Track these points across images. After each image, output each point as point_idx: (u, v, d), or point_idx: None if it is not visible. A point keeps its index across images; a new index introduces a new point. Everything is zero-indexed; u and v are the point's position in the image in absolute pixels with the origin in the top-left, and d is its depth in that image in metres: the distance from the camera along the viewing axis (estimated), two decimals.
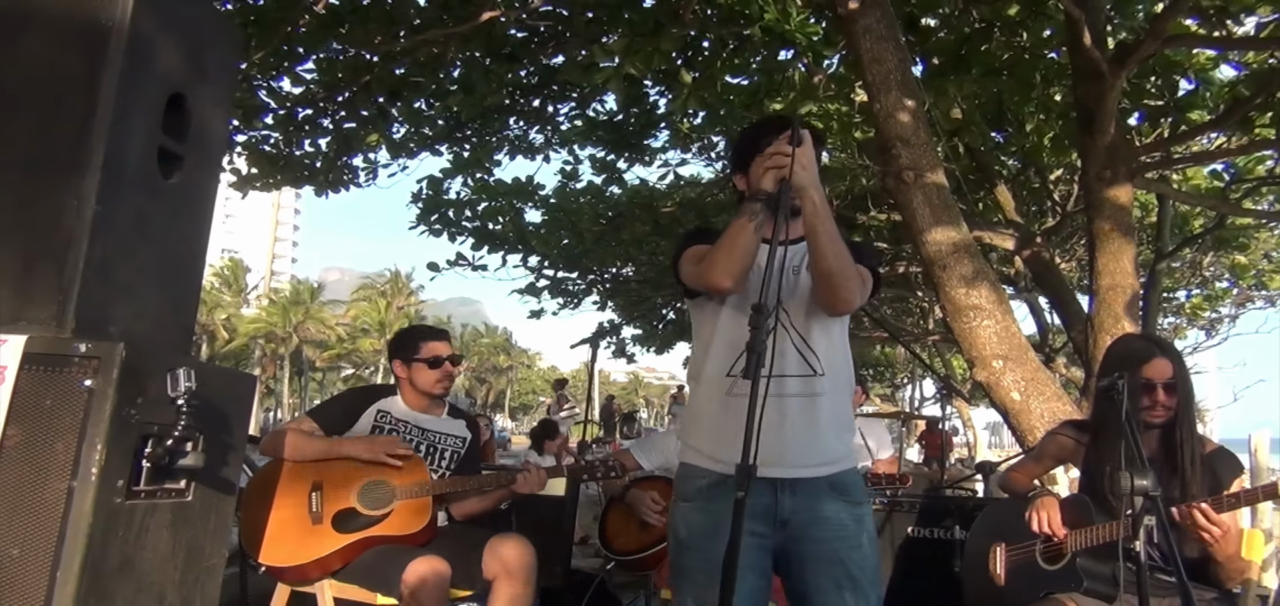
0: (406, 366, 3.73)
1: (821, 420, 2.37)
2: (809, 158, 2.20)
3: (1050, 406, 5.07)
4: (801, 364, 2.36)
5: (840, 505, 2.35)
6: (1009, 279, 12.37)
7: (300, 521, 3.39)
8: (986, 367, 5.16)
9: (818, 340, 2.39)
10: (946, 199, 5.38)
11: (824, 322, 2.40)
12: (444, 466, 3.70)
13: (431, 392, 3.73)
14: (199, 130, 2.42)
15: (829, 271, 2.25)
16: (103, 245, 2.14)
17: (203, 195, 2.48)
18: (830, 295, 2.30)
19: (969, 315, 5.18)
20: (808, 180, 2.19)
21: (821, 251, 2.23)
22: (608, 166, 10.76)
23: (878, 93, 5.35)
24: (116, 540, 2.05)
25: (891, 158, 5.32)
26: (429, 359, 3.71)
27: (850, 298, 2.31)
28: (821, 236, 2.22)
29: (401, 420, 3.68)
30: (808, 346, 2.38)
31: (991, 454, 22.97)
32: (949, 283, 5.22)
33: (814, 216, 2.21)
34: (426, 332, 3.84)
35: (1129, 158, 6.42)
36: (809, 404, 2.35)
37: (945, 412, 17.07)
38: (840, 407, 2.43)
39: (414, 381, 3.72)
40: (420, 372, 3.71)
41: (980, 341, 5.17)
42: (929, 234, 5.25)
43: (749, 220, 2.24)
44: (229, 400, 2.34)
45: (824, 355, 2.38)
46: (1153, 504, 2.35)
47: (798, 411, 2.35)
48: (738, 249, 2.27)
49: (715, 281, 2.31)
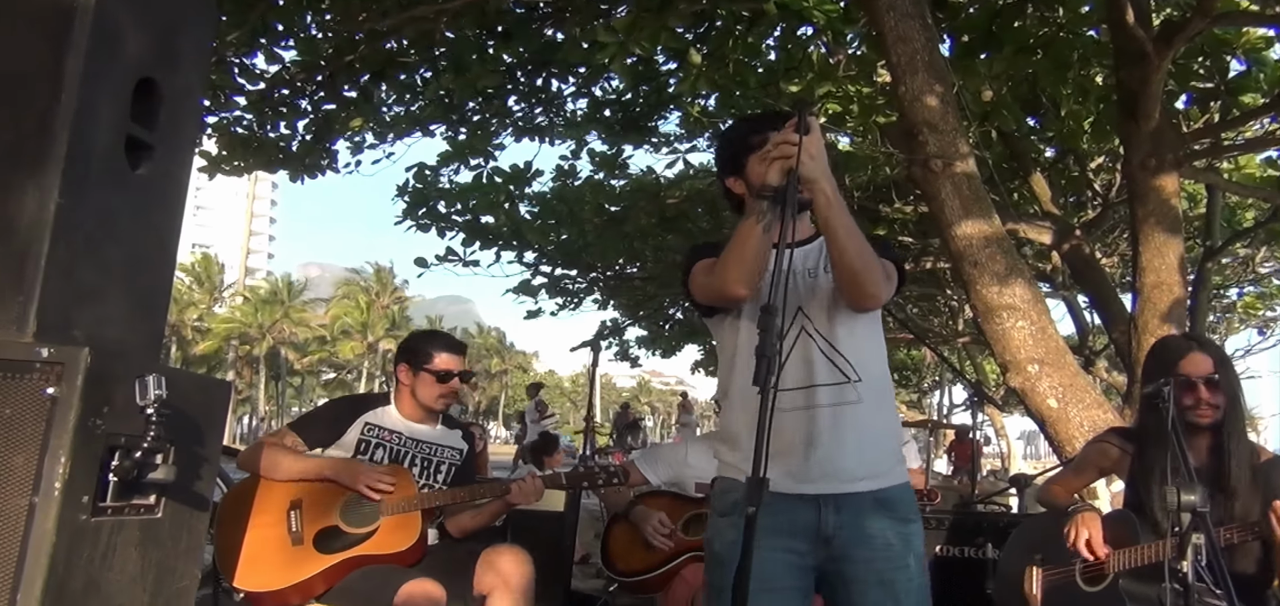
0: (412, 373, 3.74)
1: (861, 430, 2.37)
2: (818, 147, 2.20)
3: (1090, 414, 5.07)
4: (832, 371, 2.37)
5: (887, 522, 2.36)
6: (1045, 276, 12.35)
7: (279, 541, 3.39)
8: (1021, 372, 5.16)
9: (846, 343, 2.39)
10: (977, 189, 5.37)
11: (850, 323, 2.40)
12: (440, 481, 3.71)
13: (432, 408, 3.74)
14: (170, 117, 2.43)
15: (851, 266, 2.26)
16: (66, 243, 2.15)
17: (174, 187, 2.49)
18: (855, 291, 2.31)
19: (1002, 315, 5.18)
20: (817, 171, 2.19)
21: (841, 246, 2.24)
22: (608, 161, 10.76)
23: (902, 74, 5.34)
24: (81, 560, 2.06)
25: (917, 144, 5.31)
26: (439, 371, 3.72)
27: (876, 291, 2.32)
28: (839, 231, 2.23)
29: (392, 431, 3.68)
30: (836, 351, 2.38)
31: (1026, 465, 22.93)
32: (980, 280, 5.22)
33: (828, 209, 2.21)
34: (441, 342, 3.84)
35: (1175, 144, 6.41)
36: (844, 413, 2.36)
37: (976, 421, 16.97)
38: (881, 414, 2.43)
39: (417, 391, 3.73)
40: (425, 384, 3.72)
41: (1014, 344, 5.17)
42: (958, 227, 5.25)
43: (757, 220, 2.25)
44: (202, 408, 2.35)
45: (855, 359, 2.39)
46: (1201, 520, 2.34)
47: (833, 422, 2.36)
48: (748, 252, 2.28)
49: (729, 290, 2.33)
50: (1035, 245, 10.65)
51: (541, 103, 9.65)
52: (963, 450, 14.56)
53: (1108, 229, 11.71)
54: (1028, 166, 9.56)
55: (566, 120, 9.98)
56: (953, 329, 16.68)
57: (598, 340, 5.03)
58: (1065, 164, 10.58)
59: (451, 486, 3.70)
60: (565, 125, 10.02)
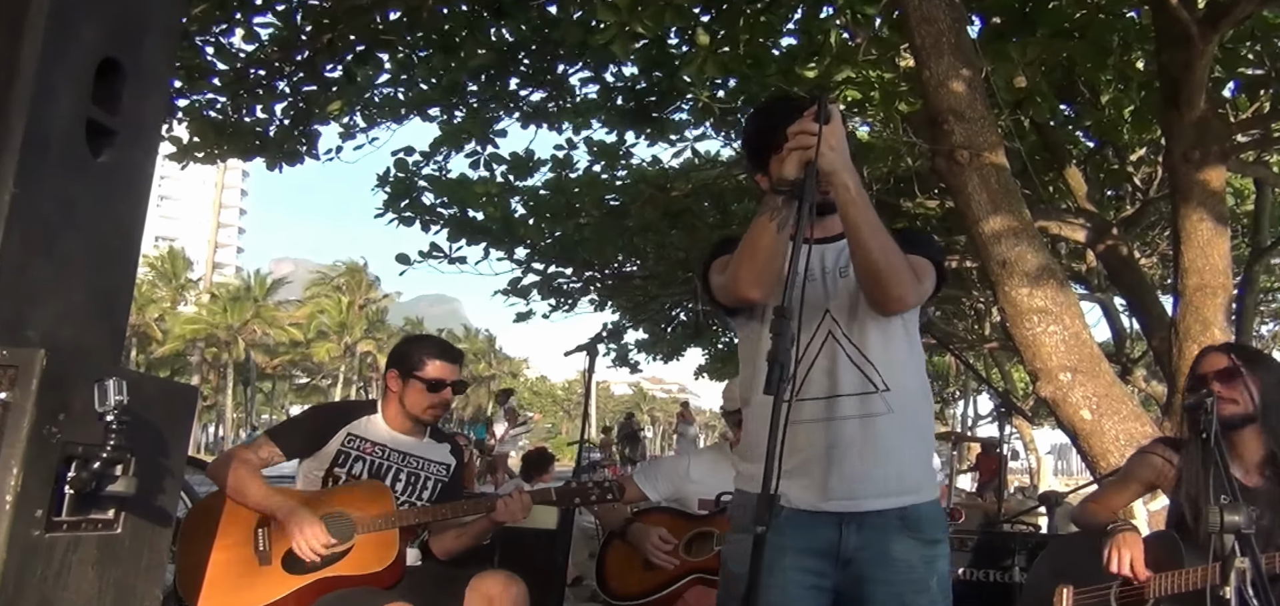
0: (402, 380, 3.75)
1: (889, 442, 2.38)
2: (838, 137, 2.20)
3: (1126, 427, 5.07)
4: (858, 379, 2.38)
5: (911, 543, 2.37)
6: (1080, 277, 12.36)
7: (245, 561, 3.39)
8: (1052, 381, 5.16)
9: (876, 349, 2.40)
10: (1007, 182, 5.38)
11: (883, 328, 2.41)
12: (425, 498, 3.71)
13: (421, 418, 3.75)
14: (135, 100, 2.43)
15: (873, 267, 2.26)
16: (21, 236, 2.15)
17: (138, 175, 2.48)
18: (879, 293, 2.31)
19: (1032, 319, 5.19)
20: (838, 162, 2.20)
21: (863, 244, 2.24)
22: (609, 151, 10.76)
23: (927, 57, 5.35)
24: (33, 579, 2.06)
25: (943, 134, 5.32)
26: (430, 380, 3.72)
27: (902, 294, 2.32)
28: (861, 227, 2.23)
29: (376, 443, 3.69)
30: (865, 358, 2.39)
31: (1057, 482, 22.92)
32: (1009, 281, 5.23)
33: (850, 205, 2.22)
34: (434, 348, 3.84)
35: (1222, 135, 6.41)
36: (871, 425, 2.37)
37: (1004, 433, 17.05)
38: (913, 426, 2.44)
39: (405, 400, 3.73)
40: (414, 392, 3.73)
41: (1045, 350, 5.18)
42: (986, 223, 5.26)
43: (770, 217, 2.25)
44: (166, 416, 2.35)
45: (885, 367, 2.39)
46: (1246, 542, 2.35)
47: (858, 435, 2.36)
48: (761, 252, 2.28)
49: (740, 292, 2.33)
50: (1069, 243, 10.67)
51: (548, 86, 9.67)
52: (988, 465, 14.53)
53: (1148, 226, 11.75)
54: (1062, 158, 9.57)
55: (574, 107, 10.00)
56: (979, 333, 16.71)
57: (594, 344, 5.01)
58: (1103, 156, 10.60)
59: (438, 503, 3.71)
60: (570, 110, 10.04)
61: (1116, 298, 12.01)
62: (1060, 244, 11.09)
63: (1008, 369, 22.24)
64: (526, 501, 3.65)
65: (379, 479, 3.62)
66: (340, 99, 8.79)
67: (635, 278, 15.62)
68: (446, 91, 9.20)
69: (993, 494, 9.49)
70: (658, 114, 9.84)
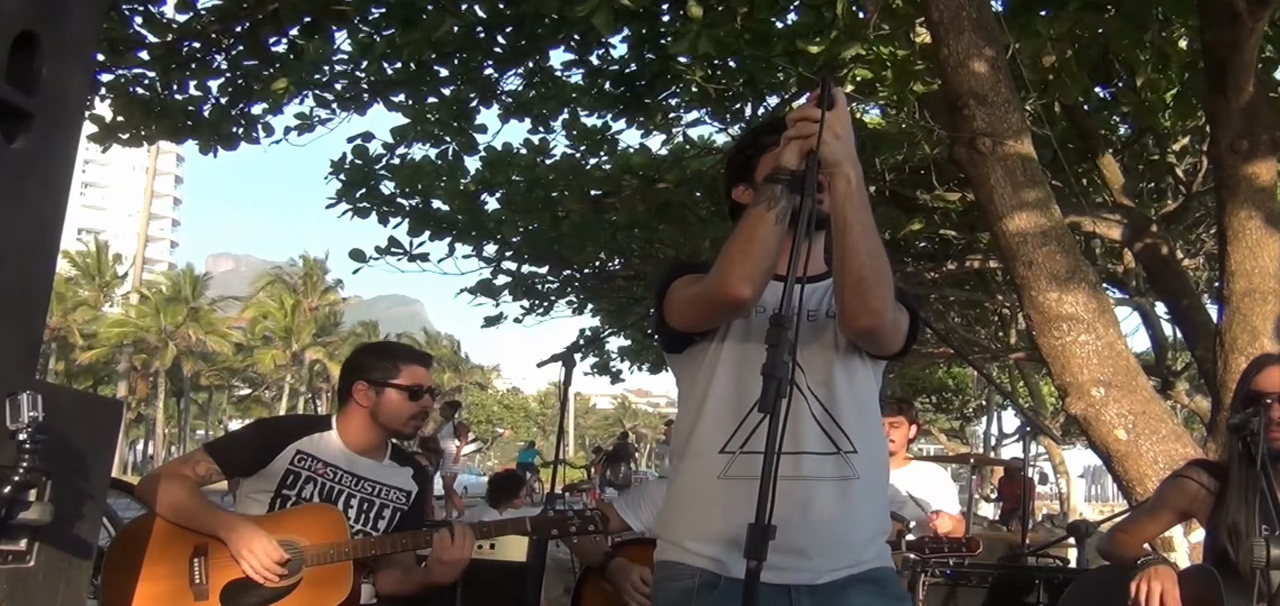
0: (374, 390, 3.71)
1: (851, 512, 2.39)
2: (844, 124, 2.22)
3: (1166, 447, 5.10)
4: (823, 438, 2.39)
5: (870, 596, 2.38)
6: (1115, 279, 12.43)
7: (177, 595, 3.38)
8: (1083, 396, 5.19)
9: (846, 407, 2.41)
10: (1034, 174, 5.41)
11: (852, 383, 2.43)
12: (381, 528, 3.69)
13: (402, 431, 3.76)
14: (54, 78, 2.42)
15: (858, 269, 2.25)
16: None
17: (58, 162, 2.48)
18: (857, 303, 2.29)
19: (1061, 327, 5.21)
20: (842, 153, 2.21)
21: (852, 245, 2.24)
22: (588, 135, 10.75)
23: (945, 33, 5.38)
24: None
25: (962, 119, 5.34)
26: (410, 386, 3.72)
27: (880, 308, 2.30)
28: (853, 226, 2.23)
29: (329, 464, 3.65)
30: (829, 416, 2.40)
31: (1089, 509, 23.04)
32: (1036, 284, 5.25)
33: (846, 200, 2.23)
34: (405, 351, 3.86)
35: (1273, 123, 6.44)
36: (835, 491, 2.38)
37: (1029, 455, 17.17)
38: (876, 496, 2.48)
39: (380, 412, 3.71)
40: (392, 402, 3.70)
41: (1075, 362, 5.20)
42: (1010, 219, 5.28)
43: (768, 207, 2.25)
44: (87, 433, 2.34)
45: (853, 427, 2.41)
46: None
47: (819, 500, 2.37)
48: (758, 244, 2.26)
49: (730, 290, 2.29)
50: (1104, 242, 10.73)
51: (527, 71, 9.65)
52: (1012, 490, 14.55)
53: (1191, 224, 11.81)
54: (1096, 147, 9.62)
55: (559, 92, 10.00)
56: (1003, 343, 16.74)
57: (571, 352, 4.99)
58: (1141, 145, 10.66)
59: (394, 534, 3.68)
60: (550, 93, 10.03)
61: (1156, 303, 12.06)
62: (1094, 243, 11.15)
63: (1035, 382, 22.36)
64: (465, 544, 3.53)
65: (330, 503, 3.60)
66: (286, 76, 8.75)
67: (619, 277, 15.62)
68: (412, 74, 9.17)
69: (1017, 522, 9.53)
70: (649, 99, 9.84)
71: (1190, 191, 10.17)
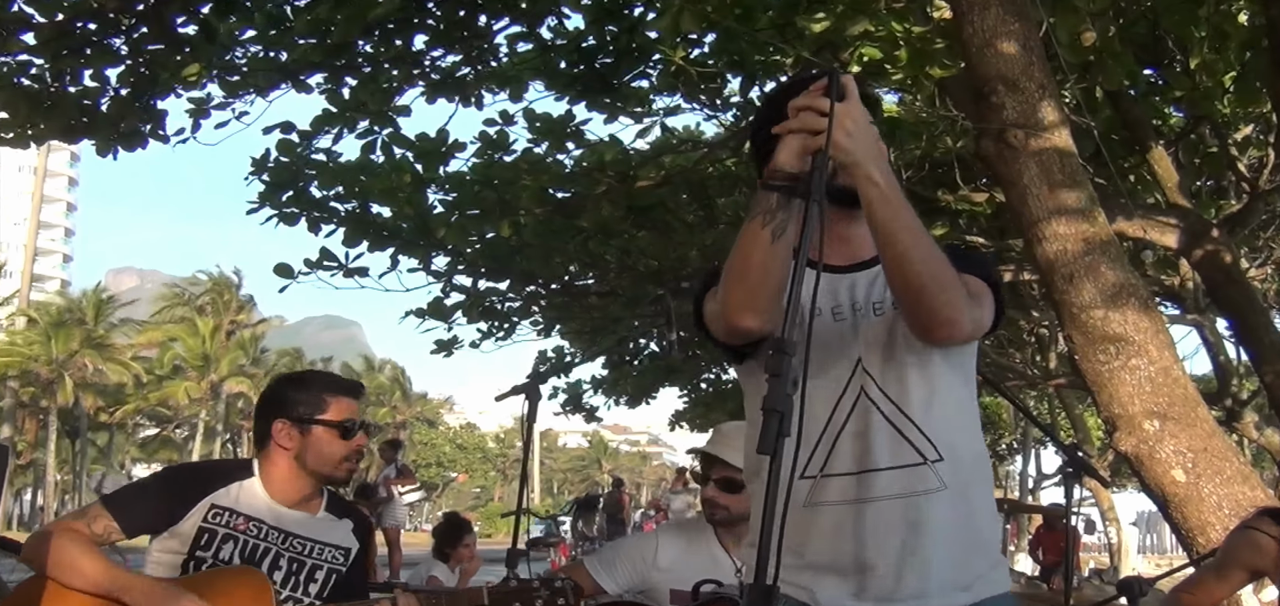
0: (299, 430, 3.66)
1: (942, 531, 2.38)
2: (856, 119, 2.20)
3: (1231, 490, 5.10)
4: (901, 448, 2.38)
5: None
6: (1171, 292, 12.49)
7: None
8: (1134, 431, 5.19)
9: (920, 406, 2.40)
10: (1073, 171, 5.42)
11: (927, 376, 2.42)
12: (314, 593, 3.66)
13: (334, 477, 3.70)
14: None
15: (916, 280, 2.25)
16: None
17: None
18: (924, 316, 2.30)
19: (1108, 350, 5.22)
20: (859, 151, 2.19)
21: (901, 254, 2.24)
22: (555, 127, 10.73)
23: (969, 7, 5.39)
24: None
25: (990, 108, 5.36)
26: (341, 423, 3.66)
27: (954, 315, 2.30)
28: (899, 233, 2.23)
29: (252, 518, 3.60)
30: (908, 419, 2.39)
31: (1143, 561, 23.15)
32: (1076, 300, 5.26)
33: (879, 204, 2.22)
34: (331, 382, 3.81)
35: None
36: (918, 509, 2.37)
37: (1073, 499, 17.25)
38: (973, 507, 2.45)
39: (307, 455, 3.65)
40: (322, 442, 3.65)
41: (1125, 390, 5.21)
42: (1046, 225, 5.29)
43: (763, 221, 2.23)
44: None
45: (936, 431, 2.40)
46: None
47: (902, 522, 2.36)
48: (752, 268, 2.26)
49: (735, 321, 2.31)
50: (1157, 250, 10.77)
51: (467, 47, 9.63)
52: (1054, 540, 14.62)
53: (1257, 227, 11.86)
54: (1146, 139, 9.67)
55: (501, 72, 9.97)
56: (1042, 368, 16.81)
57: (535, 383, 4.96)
58: (1198, 136, 10.71)
59: (330, 601, 3.66)
60: (496, 72, 10.01)
61: (1218, 320, 12.13)
62: (1144, 251, 11.20)
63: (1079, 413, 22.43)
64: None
65: (253, 565, 3.57)
66: (196, 62, 8.72)
67: (591, 294, 15.61)
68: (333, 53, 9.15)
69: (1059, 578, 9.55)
70: (615, 80, 9.83)
71: (1255, 189, 10.22)
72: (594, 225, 12.42)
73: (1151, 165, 9.63)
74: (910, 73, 8.55)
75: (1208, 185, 11.37)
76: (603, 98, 10.13)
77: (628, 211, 12.07)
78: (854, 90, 2.23)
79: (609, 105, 10.28)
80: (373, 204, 11.91)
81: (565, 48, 9.71)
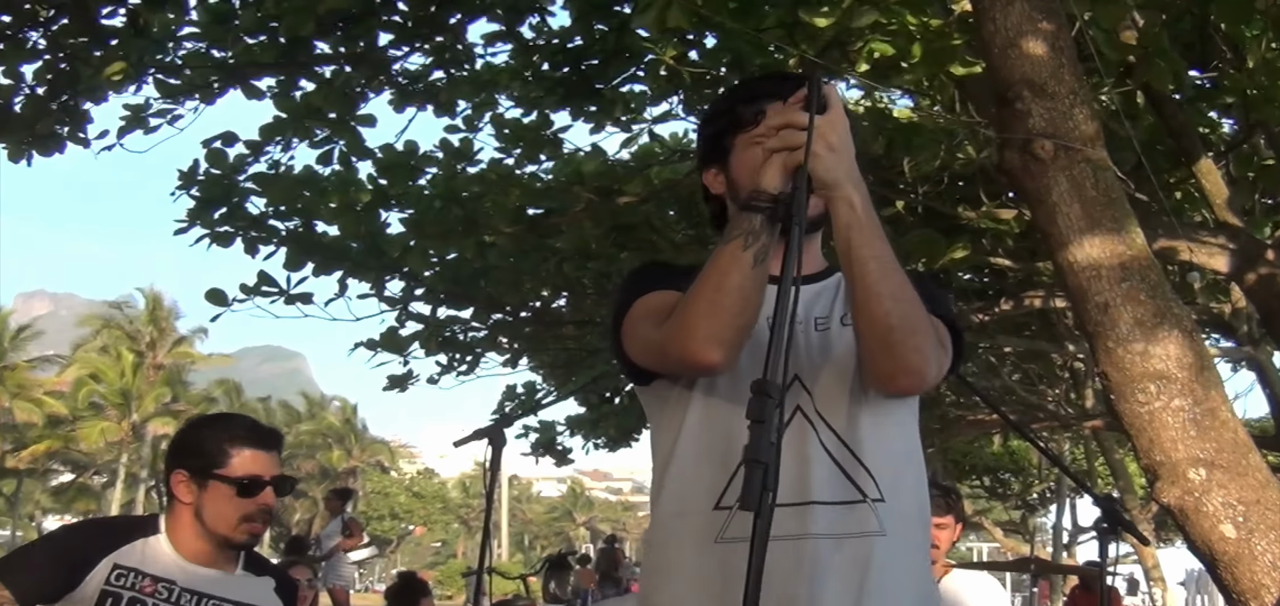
0: (196, 483, 3.67)
1: (882, 577, 2.39)
2: (840, 133, 2.24)
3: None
4: (842, 483, 2.41)
5: None
6: (1219, 323, 12.53)
7: None
8: (1178, 480, 5.19)
9: (869, 440, 2.43)
10: (1110, 186, 5.43)
11: (875, 408, 2.45)
12: None
13: (231, 540, 3.69)
14: None
15: (883, 320, 2.29)
16: None
17: None
18: (887, 362, 2.34)
19: (1147, 389, 5.22)
20: (840, 171, 2.23)
21: (870, 288, 2.27)
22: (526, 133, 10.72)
23: (993, 1, 5.40)
24: None
25: (1014, 115, 5.37)
26: (239, 479, 3.65)
27: (921, 364, 2.35)
28: (868, 263, 2.26)
29: (159, 578, 3.61)
30: (849, 452, 2.42)
31: None
32: (1112, 332, 5.26)
33: (853, 231, 2.26)
34: (239, 430, 3.79)
35: None
36: (859, 550, 2.39)
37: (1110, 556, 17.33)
38: (913, 555, 2.48)
39: (204, 512, 3.67)
40: (217, 500, 3.65)
41: (1167, 435, 5.20)
42: (1077, 247, 5.30)
43: (743, 244, 2.26)
44: None
45: (880, 467, 2.42)
46: None
47: (838, 562, 2.38)
48: (729, 295, 2.28)
49: (693, 355, 2.32)
50: (1205, 274, 10.80)
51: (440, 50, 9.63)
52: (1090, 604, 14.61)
53: None
54: (1193, 149, 9.69)
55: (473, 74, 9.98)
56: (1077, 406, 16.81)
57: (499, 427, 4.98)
58: (1251, 145, 10.75)
59: None
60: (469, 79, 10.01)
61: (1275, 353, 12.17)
62: (1191, 275, 11.22)
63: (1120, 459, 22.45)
64: None
65: None
66: (123, 59, 8.71)
67: (566, 323, 15.60)
68: (285, 51, 9.14)
69: None
70: (602, 85, 9.83)
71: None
72: (569, 246, 12.40)
73: (1199, 179, 9.65)
74: (926, 71, 8.56)
75: (1262, 202, 11.40)
76: (587, 104, 10.12)
77: (609, 230, 12.04)
78: (836, 100, 2.27)
79: (594, 114, 10.28)
80: (319, 221, 11.86)
81: (547, 48, 9.72)
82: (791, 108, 2.24)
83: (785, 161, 2.22)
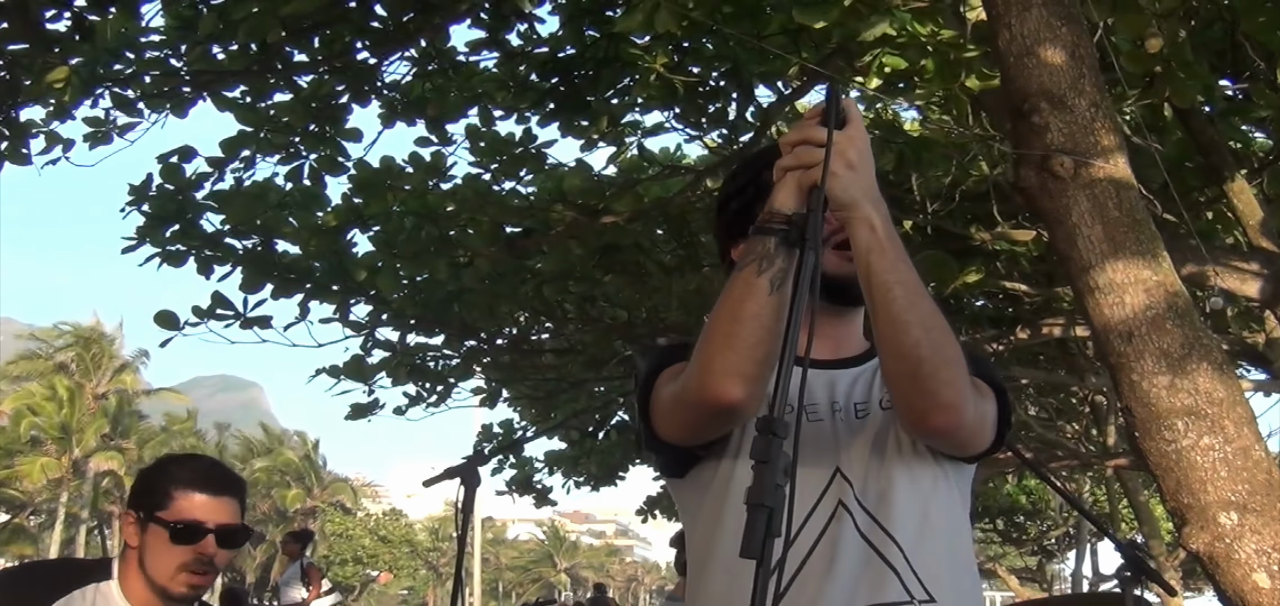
0: (141, 527, 3.67)
1: None
2: (860, 150, 2.23)
3: None
4: (883, 579, 2.38)
5: None
6: (1253, 354, 12.55)
7: None
8: (1207, 525, 5.19)
9: (909, 529, 2.41)
10: (1134, 206, 5.44)
11: (918, 489, 2.43)
12: None
13: (169, 592, 3.65)
14: None
15: (912, 350, 2.27)
16: None
17: None
18: (922, 399, 2.31)
19: (1174, 426, 5.22)
20: (858, 190, 2.23)
21: (897, 319, 2.26)
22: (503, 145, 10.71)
23: (1006, 7, 5.43)
24: None
25: (1031, 130, 5.38)
26: (177, 524, 3.62)
27: (955, 400, 2.31)
28: (894, 290, 2.25)
29: None
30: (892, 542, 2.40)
31: None
32: (1137, 364, 5.26)
33: (876, 255, 2.25)
34: (190, 471, 3.75)
35: None
36: None
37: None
38: None
39: (145, 558, 3.66)
40: (154, 545, 3.63)
41: (1196, 476, 5.20)
42: (1098, 273, 5.30)
43: (757, 270, 2.24)
44: None
45: (927, 565, 2.40)
46: None
47: None
48: (745, 325, 2.26)
49: (712, 391, 2.30)
50: (1239, 302, 10.82)
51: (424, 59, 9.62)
52: None
53: None
54: (1223, 167, 9.73)
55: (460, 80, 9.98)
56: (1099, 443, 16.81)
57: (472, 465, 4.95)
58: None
59: None
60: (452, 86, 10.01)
61: None
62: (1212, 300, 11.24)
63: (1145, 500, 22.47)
64: None
65: None
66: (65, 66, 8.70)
67: (546, 351, 15.56)
68: (253, 58, 9.13)
69: None
70: (592, 95, 9.82)
71: None
72: (550, 268, 12.35)
73: (1231, 198, 9.68)
74: (938, 86, 8.57)
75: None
76: (577, 117, 10.10)
77: (593, 252, 12.00)
78: (856, 115, 2.25)
79: (583, 128, 10.26)
80: (278, 241, 11.81)
81: (535, 57, 9.71)
82: (808, 123, 2.24)
83: (800, 180, 2.22)
